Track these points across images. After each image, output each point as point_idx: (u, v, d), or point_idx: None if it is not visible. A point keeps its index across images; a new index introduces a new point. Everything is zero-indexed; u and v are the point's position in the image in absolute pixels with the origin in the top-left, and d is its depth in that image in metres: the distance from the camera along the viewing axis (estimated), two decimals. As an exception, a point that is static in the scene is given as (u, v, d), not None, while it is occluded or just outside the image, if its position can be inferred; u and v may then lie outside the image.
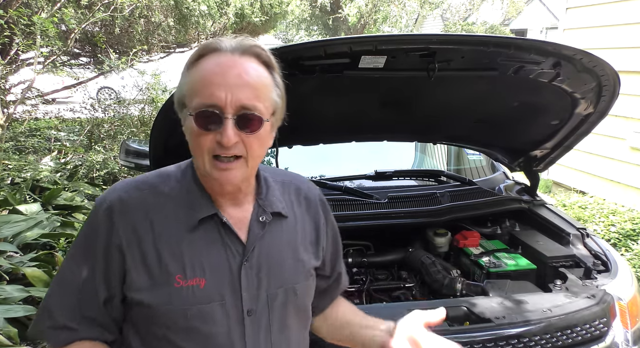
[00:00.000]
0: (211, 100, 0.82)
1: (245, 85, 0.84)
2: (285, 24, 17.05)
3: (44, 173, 4.39)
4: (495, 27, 15.29)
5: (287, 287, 0.96)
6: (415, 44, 1.60)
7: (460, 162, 3.08)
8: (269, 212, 0.97)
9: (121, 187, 0.94)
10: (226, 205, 0.94)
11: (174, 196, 0.92)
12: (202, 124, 0.84)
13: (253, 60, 0.87)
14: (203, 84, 0.84)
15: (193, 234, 0.90)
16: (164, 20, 6.74)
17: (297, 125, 2.07)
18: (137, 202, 0.91)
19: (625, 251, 3.67)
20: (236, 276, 0.91)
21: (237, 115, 0.83)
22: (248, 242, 0.93)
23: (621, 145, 4.80)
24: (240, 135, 0.84)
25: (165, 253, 0.88)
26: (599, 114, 1.98)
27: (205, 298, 0.88)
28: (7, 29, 4.39)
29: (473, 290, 1.83)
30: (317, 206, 1.09)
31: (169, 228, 0.90)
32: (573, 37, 5.47)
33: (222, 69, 0.84)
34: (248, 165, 0.88)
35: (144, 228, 0.89)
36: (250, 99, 0.84)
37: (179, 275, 0.87)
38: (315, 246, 1.05)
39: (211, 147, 0.84)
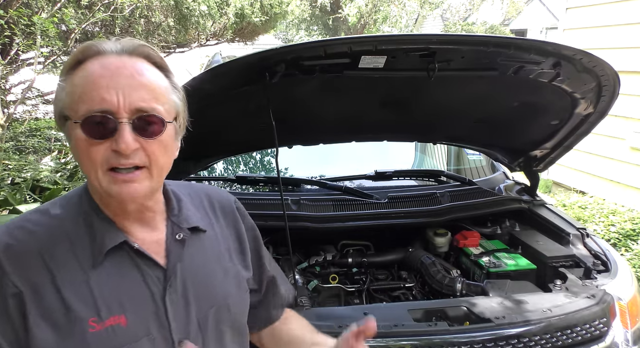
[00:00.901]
0: (101, 105, 0.71)
1: (140, 85, 0.74)
2: (285, 24, 17.05)
3: (44, 173, 4.39)
4: (495, 27, 15.29)
5: (219, 305, 0.88)
6: (415, 44, 1.60)
7: (460, 162, 3.08)
8: (186, 228, 0.87)
9: (4, 233, 0.77)
10: (134, 229, 0.83)
11: (70, 230, 0.79)
12: (92, 132, 0.72)
13: (144, 61, 0.77)
14: (89, 88, 0.72)
15: (101, 269, 0.78)
16: (164, 20, 6.74)
17: (297, 125, 2.08)
18: (25, 245, 0.76)
19: (625, 251, 3.67)
20: (161, 305, 0.80)
21: (134, 118, 0.73)
22: (168, 266, 0.83)
23: (621, 145, 4.80)
24: (140, 141, 0.74)
25: (70, 298, 0.74)
26: (599, 114, 1.98)
27: (130, 337, 0.77)
28: (7, 29, 4.39)
29: (473, 290, 1.84)
30: (233, 212, 1.00)
31: (71, 268, 0.76)
32: (573, 37, 5.47)
33: (109, 70, 0.73)
34: (153, 176, 0.77)
35: (39, 273, 0.75)
36: (147, 101, 0.74)
37: (92, 318, 0.75)
38: (242, 255, 0.98)
39: (105, 157, 0.73)
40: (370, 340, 1.42)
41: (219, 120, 1.77)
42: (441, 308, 1.59)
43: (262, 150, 2.73)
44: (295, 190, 2.29)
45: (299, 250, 2.11)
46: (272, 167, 2.70)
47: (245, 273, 0.97)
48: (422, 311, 1.57)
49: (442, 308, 1.59)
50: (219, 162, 2.54)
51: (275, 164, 1.74)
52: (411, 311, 1.55)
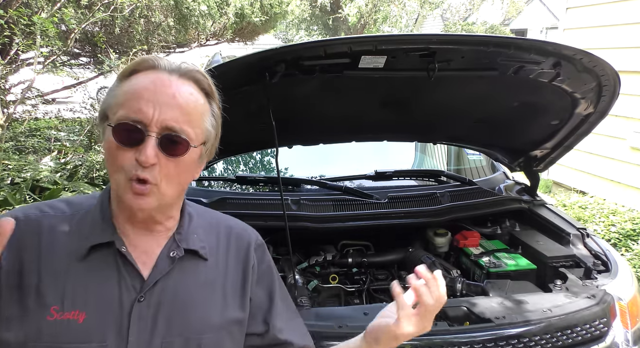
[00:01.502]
0: (137, 114, 0.75)
1: (177, 106, 0.77)
2: (285, 24, 17.05)
3: (44, 173, 4.39)
4: (495, 27, 15.29)
5: (189, 337, 0.82)
6: (415, 44, 1.60)
7: (460, 162, 3.08)
8: (182, 248, 0.86)
9: (21, 208, 0.85)
10: (135, 235, 0.84)
11: (73, 223, 0.83)
12: (121, 138, 0.75)
13: (191, 84, 0.81)
14: (132, 97, 0.77)
15: (83, 263, 0.79)
16: (164, 20, 6.74)
17: (297, 125, 2.08)
18: (30, 222, 0.81)
19: (626, 251, 3.67)
20: (126, 315, 0.78)
21: (162, 135, 0.76)
22: (149, 277, 0.81)
23: (621, 145, 4.80)
24: (160, 157, 0.76)
25: (45, 282, 0.77)
26: (599, 113, 1.98)
27: (81, 336, 0.75)
28: (7, 29, 4.39)
29: (473, 290, 1.83)
30: (249, 248, 0.95)
31: (57, 255, 0.79)
32: (573, 37, 5.47)
33: (155, 86, 0.77)
34: (161, 193, 0.78)
35: (29, 251, 0.78)
36: (178, 121, 0.77)
37: (55, 306, 0.75)
38: (240, 294, 0.91)
39: (129, 165, 0.75)
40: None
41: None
42: (441, 308, 1.59)
43: (262, 150, 2.73)
44: (295, 190, 2.29)
45: (299, 250, 2.11)
46: (272, 167, 2.70)
47: (239, 313, 0.90)
48: (422, 311, 1.57)
49: (442, 308, 1.59)
50: (219, 162, 2.54)
51: (275, 164, 1.74)
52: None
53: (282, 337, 0.96)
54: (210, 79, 0.85)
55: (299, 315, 1.05)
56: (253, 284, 0.94)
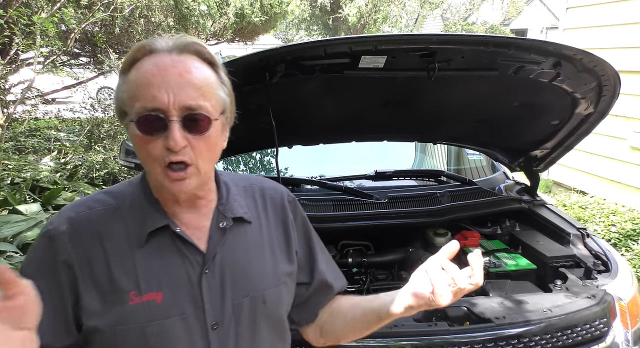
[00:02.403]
0: (153, 103, 0.76)
1: (187, 84, 0.78)
2: (285, 24, 17.05)
3: (44, 173, 4.39)
4: (495, 27, 15.29)
5: (254, 296, 0.90)
6: (415, 44, 1.60)
7: (460, 162, 3.08)
8: (230, 217, 0.91)
9: (70, 207, 0.88)
10: (183, 214, 0.89)
11: (124, 211, 0.87)
12: (146, 130, 0.78)
13: (193, 58, 0.81)
14: (142, 87, 0.77)
15: (146, 248, 0.85)
16: (164, 20, 6.74)
17: (297, 125, 2.08)
18: (85, 220, 0.85)
19: (626, 251, 3.67)
20: (197, 288, 0.85)
21: (183, 116, 0.78)
22: (208, 251, 0.87)
23: (621, 145, 4.80)
24: (188, 138, 0.79)
25: (116, 271, 0.82)
26: (599, 113, 1.98)
27: (163, 313, 0.82)
28: (7, 29, 4.39)
29: (473, 290, 1.83)
30: (284, 206, 1.02)
31: (120, 244, 0.84)
32: (573, 37, 5.47)
33: (160, 69, 0.78)
34: (200, 172, 0.82)
35: (93, 246, 0.83)
36: (194, 99, 0.78)
37: (133, 291, 0.82)
38: (286, 250, 0.99)
39: (160, 154, 0.78)
40: (370, 340, 1.42)
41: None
42: (441, 308, 1.59)
43: (262, 150, 2.73)
44: (295, 190, 2.29)
45: (299, 250, 2.11)
46: (272, 167, 2.69)
47: (288, 267, 0.97)
48: (422, 311, 1.57)
49: (442, 308, 1.59)
50: (219, 162, 2.54)
51: (275, 164, 1.74)
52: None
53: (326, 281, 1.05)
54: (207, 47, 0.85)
55: (331, 258, 1.12)
56: (295, 239, 1.01)
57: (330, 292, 1.07)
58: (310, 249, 1.05)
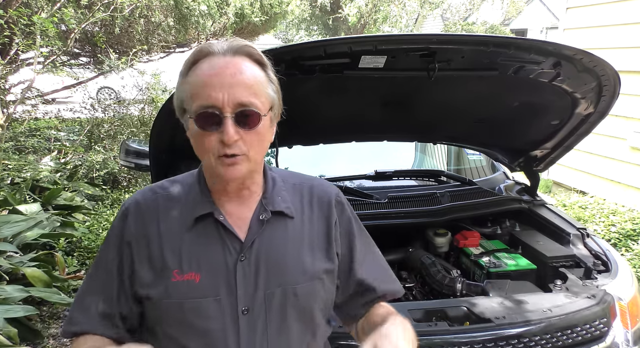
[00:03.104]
0: (209, 101, 0.85)
1: (240, 83, 0.86)
2: (285, 24, 17.04)
3: (44, 173, 4.39)
4: (495, 27, 15.29)
5: (287, 287, 0.95)
6: (415, 44, 1.60)
7: (460, 162, 3.08)
8: (269, 210, 0.98)
9: (141, 191, 1.02)
10: (229, 204, 0.97)
11: (180, 198, 0.98)
12: (203, 125, 0.86)
13: (245, 59, 0.89)
14: (200, 86, 0.86)
15: (192, 232, 0.94)
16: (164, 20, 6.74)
17: (297, 125, 2.08)
18: (149, 203, 0.98)
19: (626, 251, 3.67)
20: (232, 273, 0.92)
21: (236, 112, 0.86)
22: (246, 239, 0.94)
23: (621, 145, 4.80)
24: (240, 132, 0.86)
25: (166, 250, 0.93)
26: (599, 113, 1.98)
27: (199, 293, 0.91)
28: (7, 29, 4.39)
29: (473, 290, 1.83)
30: (330, 205, 1.06)
31: (172, 226, 0.95)
32: (573, 37, 5.47)
33: (216, 70, 0.86)
34: (251, 160, 0.90)
35: (152, 227, 0.95)
36: (246, 96, 0.86)
37: (176, 270, 0.91)
38: (326, 247, 1.02)
39: (215, 147, 0.87)
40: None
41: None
42: (441, 309, 1.59)
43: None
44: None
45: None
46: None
47: (326, 264, 1.00)
48: (422, 311, 1.57)
49: (442, 309, 1.59)
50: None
51: (275, 164, 1.74)
52: (411, 311, 1.55)
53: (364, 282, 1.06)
54: (259, 49, 0.93)
55: (381, 261, 1.15)
56: (337, 238, 1.04)
57: (372, 293, 1.07)
58: (351, 251, 1.07)
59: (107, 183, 5.36)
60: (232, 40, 0.91)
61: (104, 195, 5.00)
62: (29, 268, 2.73)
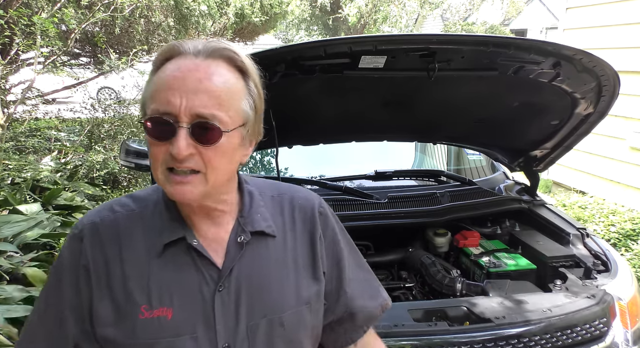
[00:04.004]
0: (165, 106, 0.74)
1: (204, 91, 0.74)
2: (285, 24, 17.04)
3: (44, 173, 4.39)
4: (495, 27, 15.29)
5: (272, 317, 0.84)
6: (415, 44, 1.60)
7: (460, 162, 3.08)
8: (249, 232, 0.86)
9: (95, 211, 0.87)
10: (201, 224, 0.84)
11: (145, 219, 0.84)
12: (154, 133, 0.75)
13: (221, 64, 0.77)
14: (161, 89, 0.75)
15: (161, 260, 0.81)
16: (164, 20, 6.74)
17: (297, 125, 2.08)
18: (108, 225, 0.84)
19: (625, 251, 3.67)
20: (210, 305, 0.80)
21: (192, 123, 0.74)
22: (224, 266, 0.82)
23: (621, 145, 4.80)
24: (197, 146, 0.74)
25: (131, 281, 0.80)
26: (599, 114, 1.98)
27: (173, 331, 0.78)
28: (7, 29, 4.39)
29: (473, 290, 1.83)
30: (314, 217, 0.94)
31: (137, 253, 0.81)
32: (573, 37, 5.47)
33: (182, 72, 0.75)
34: (208, 182, 0.77)
35: (112, 253, 0.81)
36: (208, 107, 0.74)
37: (144, 305, 0.78)
38: (312, 266, 0.91)
39: (164, 158, 0.75)
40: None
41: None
42: (441, 308, 1.59)
43: (262, 150, 2.73)
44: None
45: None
46: (272, 167, 2.69)
47: (313, 286, 0.90)
48: (422, 311, 1.57)
49: (442, 308, 1.59)
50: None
51: (275, 164, 1.74)
52: (411, 311, 1.55)
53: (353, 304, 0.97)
54: (245, 55, 0.81)
55: (369, 274, 1.04)
56: (322, 255, 0.93)
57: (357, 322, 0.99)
58: (339, 267, 0.96)
59: (107, 183, 5.36)
60: (211, 40, 0.79)
61: (104, 195, 5.00)
62: (29, 268, 2.73)
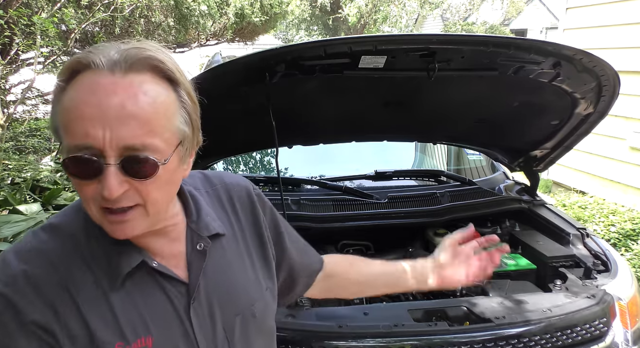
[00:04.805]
0: (86, 141, 0.62)
1: (130, 117, 0.63)
2: (285, 24, 17.05)
3: (44, 173, 4.39)
4: (495, 27, 15.29)
5: (244, 313, 0.85)
6: (415, 44, 1.60)
7: (460, 162, 3.08)
8: (206, 237, 0.82)
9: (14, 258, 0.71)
10: (152, 243, 0.78)
11: (84, 250, 0.74)
12: (77, 173, 0.64)
13: (145, 77, 0.66)
14: (74, 118, 0.63)
15: (122, 290, 0.73)
16: (164, 20, 6.74)
17: (297, 125, 2.08)
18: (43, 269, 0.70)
19: (625, 251, 3.67)
20: (187, 321, 0.78)
21: (122, 158, 0.64)
22: (190, 279, 0.80)
23: (621, 145, 4.80)
24: (131, 182, 0.66)
25: (94, 323, 0.70)
26: (599, 114, 1.98)
27: None
28: (7, 29, 4.39)
29: (473, 290, 1.83)
30: (253, 203, 0.95)
31: (90, 292, 0.72)
32: (573, 37, 5.47)
33: (98, 97, 0.62)
34: (149, 214, 0.70)
35: (62, 299, 0.70)
36: (138, 137, 0.64)
37: (118, 342, 0.71)
38: (262, 252, 0.94)
39: (95, 197, 0.66)
40: (370, 340, 1.42)
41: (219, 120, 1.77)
42: (441, 308, 1.59)
43: (262, 150, 2.73)
44: (295, 190, 2.29)
45: (299, 250, 2.11)
46: (272, 167, 2.70)
47: (267, 270, 0.94)
48: (422, 311, 1.57)
49: (442, 308, 1.59)
50: (219, 162, 2.54)
51: (275, 164, 1.74)
52: (411, 311, 1.55)
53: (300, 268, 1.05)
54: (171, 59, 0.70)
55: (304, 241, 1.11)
56: (269, 237, 0.96)
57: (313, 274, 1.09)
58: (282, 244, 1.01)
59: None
60: (129, 47, 0.66)
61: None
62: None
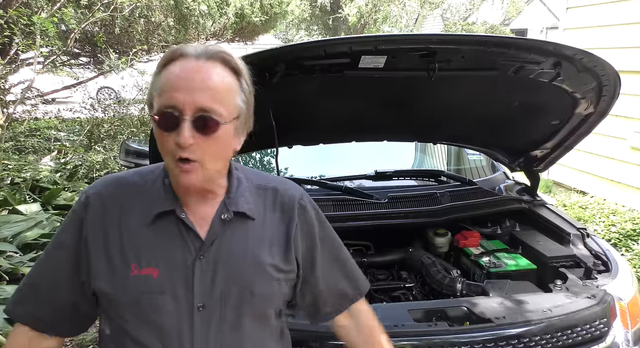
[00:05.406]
0: (171, 101, 0.85)
1: (205, 88, 0.86)
2: (285, 24, 17.04)
3: (43, 173, 4.40)
4: (495, 27, 15.28)
5: (243, 287, 0.96)
6: (415, 44, 1.60)
7: (460, 162, 3.08)
8: (232, 211, 0.98)
9: (102, 181, 1.01)
10: (191, 202, 0.97)
11: (144, 191, 0.97)
12: (162, 125, 0.87)
13: (219, 65, 0.89)
14: (168, 87, 0.87)
15: (152, 228, 0.94)
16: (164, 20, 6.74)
17: (297, 125, 2.08)
18: (111, 195, 0.97)
19: (626, 251, 3.67)
20: (190, 270, 0.93)
21: (195, 116, 0.85)
22: (206, 238, 0.95)
23: (621, 145, 4.80)
24: (197, 137, 0.86)
25: (125, 243, 0.93)
26: (600, 113, 1.98)
27: (156, 289, 0.91)
28: (7, 29, 4.39)
29: (473, 290, 1.83)
30: (292, 209, 1.05)
31: (133, 220, 0.94)
32: (573, 37, 5.47)
33: (186, 73, 0.86)
34: (207, 168, 0.89)
35: (112, 219, 0.94)
36: (208, 102, 0.86)
37: (134, 264, 0.92)
38: (285, 249, 1.02)
39: (172, 148, 0.87)
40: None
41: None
42: (441, 309, 1.59)
43: (262, 150, 2.73)
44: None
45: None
46: (272, 167, 2.69)
47: (284, 266, 1.01)
48: (422, 311, 1.57)
49: (442, 309, 1.59)
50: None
51: (275, 164, 1.74)
52: (411, 311, 1.55)
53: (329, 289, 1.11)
54: (238, 58, 0.93)
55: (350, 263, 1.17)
56: (297, 242, 1.04)
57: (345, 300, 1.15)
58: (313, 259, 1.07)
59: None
60: (209, 45, 0.92)
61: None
62: (29, 268, 2.73)
